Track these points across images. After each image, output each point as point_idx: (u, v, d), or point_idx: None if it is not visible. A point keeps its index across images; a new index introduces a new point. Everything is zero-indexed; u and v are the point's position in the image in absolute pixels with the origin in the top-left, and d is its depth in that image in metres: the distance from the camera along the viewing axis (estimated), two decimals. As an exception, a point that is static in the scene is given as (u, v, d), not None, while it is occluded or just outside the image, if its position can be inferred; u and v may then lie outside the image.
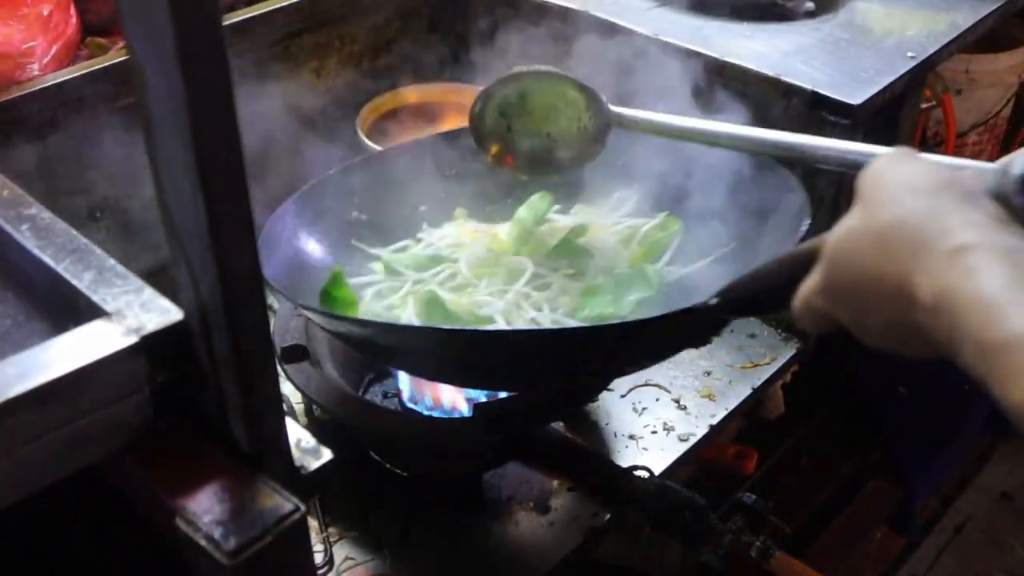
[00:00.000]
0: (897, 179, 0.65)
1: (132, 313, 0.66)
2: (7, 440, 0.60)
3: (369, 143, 1.58)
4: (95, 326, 0.65)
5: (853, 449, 1.80)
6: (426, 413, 1.19)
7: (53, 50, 1.32)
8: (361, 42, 1.68)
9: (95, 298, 0.68)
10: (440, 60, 1.80)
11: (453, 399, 1.20)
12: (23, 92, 1.27)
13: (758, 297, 0.88)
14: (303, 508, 0.63)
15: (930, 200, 0.63)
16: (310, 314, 1.08)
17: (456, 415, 1.18)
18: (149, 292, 0.68)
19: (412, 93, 1.74)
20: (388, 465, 1.21)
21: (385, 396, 1.33)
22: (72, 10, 1.38)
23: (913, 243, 0.62)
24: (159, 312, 0.66)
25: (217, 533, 0.61)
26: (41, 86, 1.29)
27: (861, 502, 1.81)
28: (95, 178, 1.41)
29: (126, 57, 1.32)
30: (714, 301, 0.92)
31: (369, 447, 1.21)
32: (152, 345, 0.64)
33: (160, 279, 0.73)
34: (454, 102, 1.74)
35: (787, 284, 0.74)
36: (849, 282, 0.67)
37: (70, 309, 0.71)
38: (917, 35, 1.49)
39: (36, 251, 0.73)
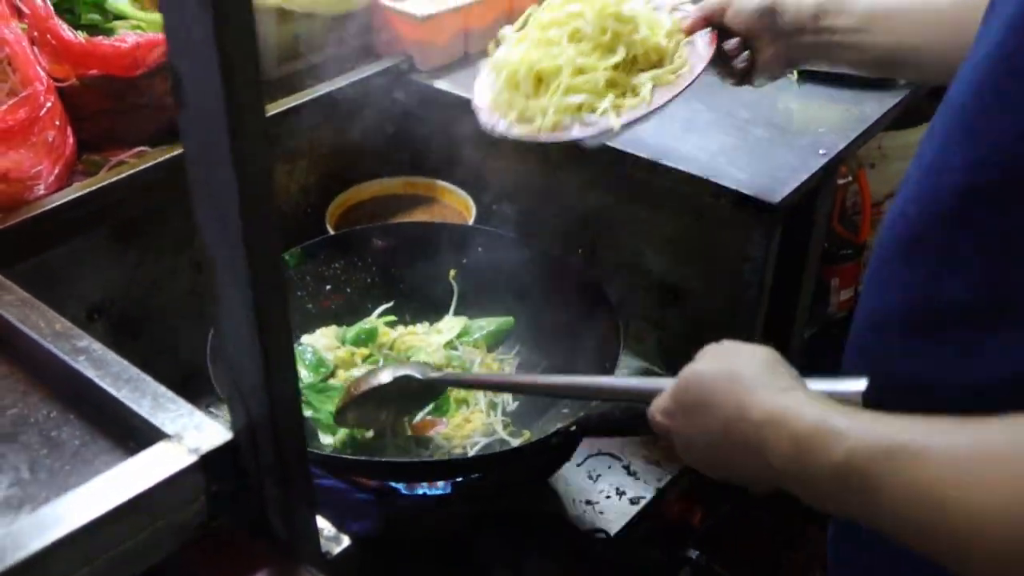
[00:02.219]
0: (744, 349, 0.96)
1: (189, 435, 0.81)
2: (93, 550, 0.74)
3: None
4: (161, 448, 0.79)
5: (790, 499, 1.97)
6: (408, 491, 1.34)
7: (56, 171, 1.45)
8: (326, 144, 1.84)
9: (155, 422, 0.82)
10: (400, 155, 1.96)
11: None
12: (33, 213, 1.41)
13: (609, 426, 1.27)
14: (336, 587, 0.78)
15: (768, 364, 0.93)
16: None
17: (437, 492, 1.33)
18: (199, 416, 0.83)
19: (375, 187, 1.90)
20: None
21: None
22: (69, 131, 1.51)
23: (757, 381, 0.90)
24: (212, 433, 0.81)
25: (270, 613, 0.76)
26: (48, 207, 1.42)
27: (802, 548, 1.98)
28: (91, 284, 1.54)
29: (117, 178, 1.45)
30: (573, 428, 1.26)
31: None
32: (208, 462, 0.79)
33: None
34: (412, 194, 1.91)
35: (630, 417, 1.11)
36: (693, 401, 0.95)
37: (129, 429, 0.85)
38: (828, 131, 1.67)
39: (97, 380, 0.88)
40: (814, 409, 0.84)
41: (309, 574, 0.79)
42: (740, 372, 0.91)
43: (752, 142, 1.64)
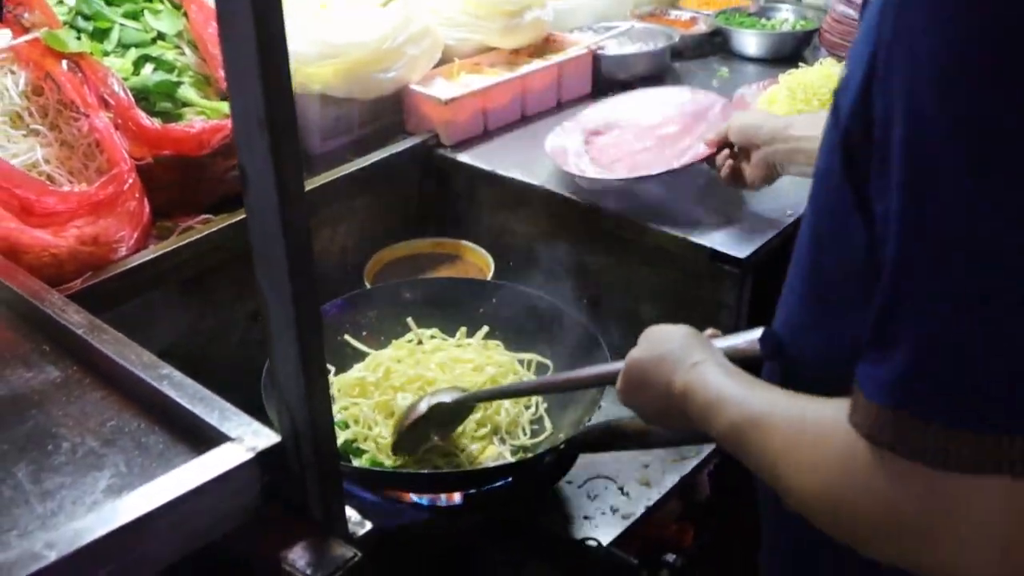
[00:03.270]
0: (666, 332, 1.23)
1: (248, 438, 1.06)
2: (183, 518, 0.99)
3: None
4: (227, 447, 1.05)
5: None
6: (427, 503, 1.58)
7: (135, 235, 1.73)
8: (364, 211, 2.11)
9: (222, 429, 1.08)
10: (428, 219, 2.23)
11: (449, 493, 1.60)
12: (116, 271, 1.68)
13: (590, 444, 1.55)
14: (360, 554, 1.02)
15: (684, 341, 1.19)
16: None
17: (452, 504, 1.58)
18: (256, 424, 1.08)
19: (407, 247, 2.17)
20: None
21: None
22: (146, 202, 1.78)
23: (674, 362, 1.16)
24: (265, 436, 1.06)
25: (309, 571, 1.00)
26: (129, 266, 1.70)
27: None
28: (161, 330, 1.81)
29: (184, 241, 1.70)
30: (563, 445, 1.53)
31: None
32: (263, 459, 1.04)
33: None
34: (440, 252, 2.17)
35: (607, 436, 1.43)
36: (637, 383, 1.23)
37: (201, 436, 1.11)
38: (796, 195, 1.91)
39: (177, 398, 1.14)
40: (712, 382, 1.10)
41: (337, 544, 1.03)
42: (664, 355, 1.19)
43: (731, 205, 1.89)
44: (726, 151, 1.81)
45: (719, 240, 1.76)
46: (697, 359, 1.15)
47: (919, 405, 0.82)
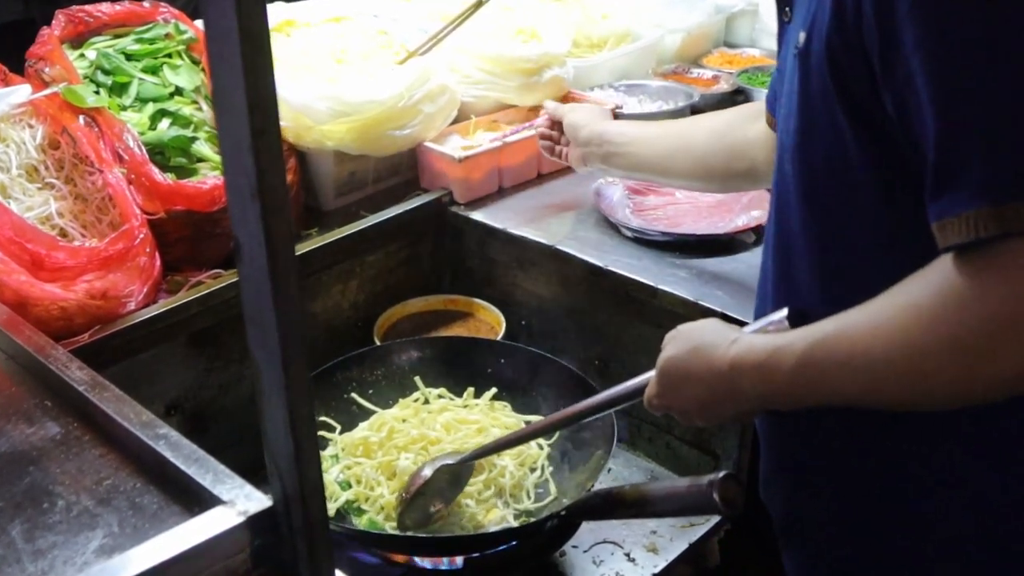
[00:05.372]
0: (693, 327, 1.28)
1: (240, 501, 1.05)
2: (170, 582, 0.99)
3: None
4: (218, 510, 1.04)
5: None
6: (428, 566, 1.57)
7: (144, 289, 1.73)
8: (376, 267, 2.11)
9: (215, 491, 1.08)
10: (440, 276, 2.23)
11: (451, 557, 1.59)
12: (125, 325, 1.69)
13: (592, 511, 1.52)
14: (348, 623, 1.01)
15: (713, 327, 1.25)
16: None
17: (453, 567, 1.56)
18: (248, 487, 1.08)
19: (419, 304, 2.17)
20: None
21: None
22: (157, 256, 1.80)
23: (711, 346, 1.20)
24: (256, 500, 1.05)
25: (296, 638, 0.99)
26: (138, 319, 1.71)
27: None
28: (170, 384, 1.82)
29: (194, 296, 1.71)
30: (564, 512, 1.51)
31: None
32: (253, 522, 1.04)
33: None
34: (451, 310, 2.17)
35: (607, 502, 1.40)
36: (675, 381, 1.25)
37: (195, 497, 1.11)
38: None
39: (172, 459, 1.14)
40: (758, 343, 1.14)
41: (327, 610, 1.03)
42: (699, 345, 1.21)
43: (743, 271, 1.88)
44: (546, 120, 2.07)
45: (730, 304, 1.75)
46: (733, 336, 1.18)
47: (1013, 189, 0.93)
